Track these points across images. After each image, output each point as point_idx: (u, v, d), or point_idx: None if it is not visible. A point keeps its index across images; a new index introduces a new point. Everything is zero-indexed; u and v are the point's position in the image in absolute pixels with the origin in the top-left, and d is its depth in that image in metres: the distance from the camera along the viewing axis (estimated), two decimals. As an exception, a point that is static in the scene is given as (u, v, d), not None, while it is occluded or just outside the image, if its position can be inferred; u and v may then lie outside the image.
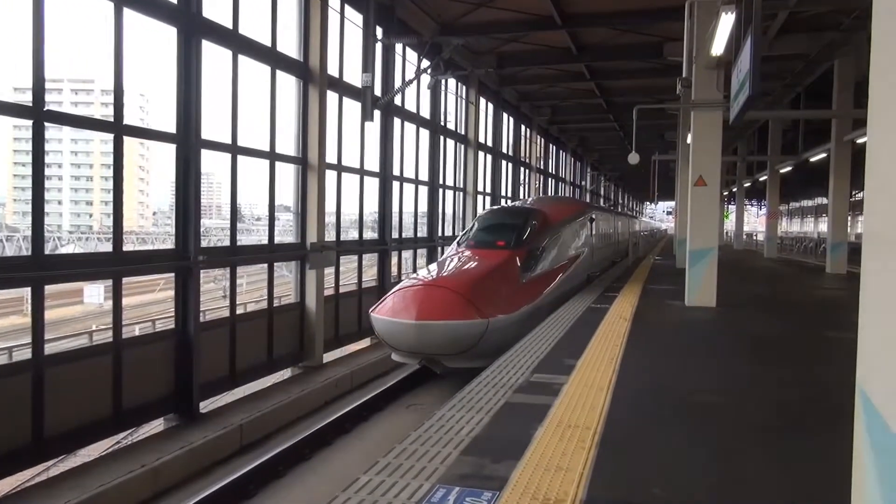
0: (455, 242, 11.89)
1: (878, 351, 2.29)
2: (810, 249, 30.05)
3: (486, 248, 11.11)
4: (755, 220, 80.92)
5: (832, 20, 15.29)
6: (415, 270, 14.07)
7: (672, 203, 66.25)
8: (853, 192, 26.13)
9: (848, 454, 2.47)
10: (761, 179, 28.82)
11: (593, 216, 16.49)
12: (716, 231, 11.36)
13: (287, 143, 10.98)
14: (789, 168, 23.76)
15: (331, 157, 11.80)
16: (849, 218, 21.00)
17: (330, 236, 12.59)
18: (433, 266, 10.76)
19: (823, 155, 19.26)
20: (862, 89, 15.11)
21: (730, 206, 52.97)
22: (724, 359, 7.16)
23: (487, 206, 20.75)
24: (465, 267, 10.29)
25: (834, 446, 4.34)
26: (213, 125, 9.15)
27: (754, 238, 43.97)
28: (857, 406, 2.37)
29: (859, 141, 16.15)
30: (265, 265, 10.52)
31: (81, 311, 29.50)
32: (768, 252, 26.88)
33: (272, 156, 10.20)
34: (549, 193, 30.95)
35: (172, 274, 8.52)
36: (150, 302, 30.77)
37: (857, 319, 2.42)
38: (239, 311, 9.95)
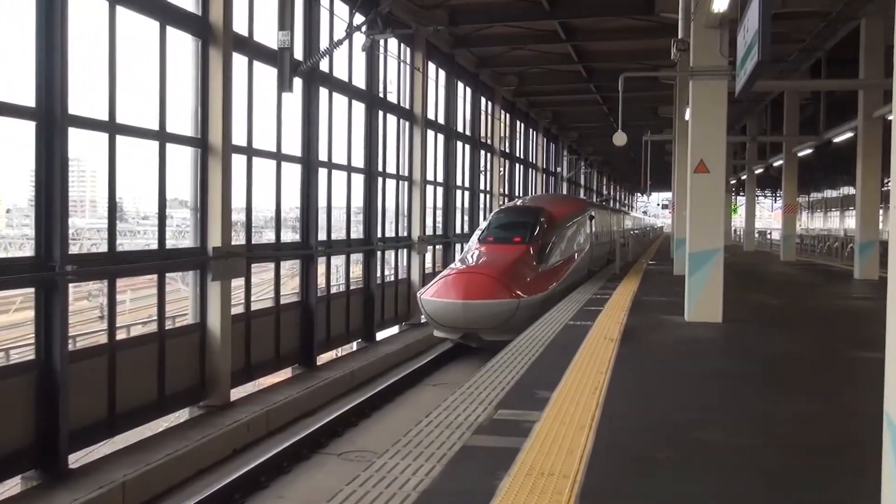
0: (475, 238, 16.95)
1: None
2: (835, 250, 30.95)
3: (505, 242, 16.03)
4: (769, 214, 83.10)
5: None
6: (347, 279, 16.10)
7: (668, 195, 67.64)
8: (885, 181, 26.94)
9: None
10: (776, 164, 29.56)
11: (593, 214, 21.41)
12: (721, 228, 11.62)
13: (182, 121, 10.86)
14: (809, 150, 24.38)
15: (239, 139, 11.69)
16: (881, 212, 21.61)
17: (239, 239, 12.43)
18: (464, 258, 16.02)
19: (850, 134, 19.75)
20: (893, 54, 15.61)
21: (738, 198, 54.33)
22: (733, 387, 7.31)
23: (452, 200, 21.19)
24: (493, 258, 15.28)
25: (869, 498, 4.45)
26: (85, 98, 8.96)
27: (768, 237, 45.09)
28: (886, 437, 2.43)
29: (891, 117, 16.70)
30: (154, 276, 10.35)
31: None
32: (785, 254, 27.57)
33: (162, 136, 10.07)
34: (517, 182, 31.32)
35: (32, 289, 8.30)
36: (1, 326, 29.91)
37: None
38: (120, 335, 9.79)
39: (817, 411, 6.49)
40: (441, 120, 21.78)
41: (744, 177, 38.34)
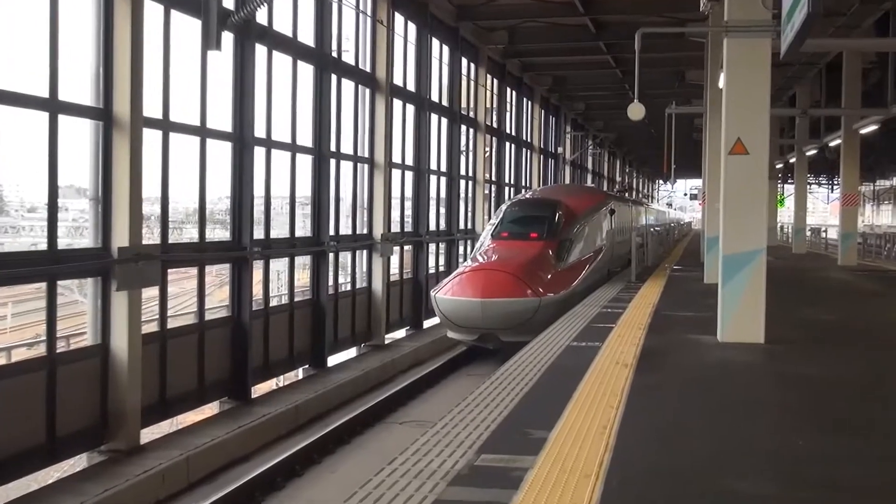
0: (487, 235, 19.31)
1: None
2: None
3: (521, 238, 18.39)
4: (824, 207, 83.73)
5: None
6: (291, 289, 16.20)
7: (698, 182, 67.65)
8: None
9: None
10: (832, 145, 29.79)
11: (613, 207, 23.69)
12: (763, 225, 11.68)
13: (79, 87, 10.75)
14: (874, 127, 24.54)
15: (152, 110, 11.61)
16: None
17: (152, 237, 12.35)
18: (478, 255, 18.43)
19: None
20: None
21: (785, 187, 54.73)
22: (779, 426, 7.34)
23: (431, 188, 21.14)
24: (509, 254, 17.60)
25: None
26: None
27: (823, 235, 45.36)
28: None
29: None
30: (43, 285, 10.25)
31: None
32: (844, 257, 27.72)
33: (53, 106, 9.98)
34: (507, 165, 31.40)
35: None
36: None
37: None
38: (-2, 361, 9.67)
39: (890, 456, 6.54)
40: (411, 87, 21.77)
41: (792, 160, 38.58)
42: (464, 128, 26.40)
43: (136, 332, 11.13)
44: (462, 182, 26.19)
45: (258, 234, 14.69)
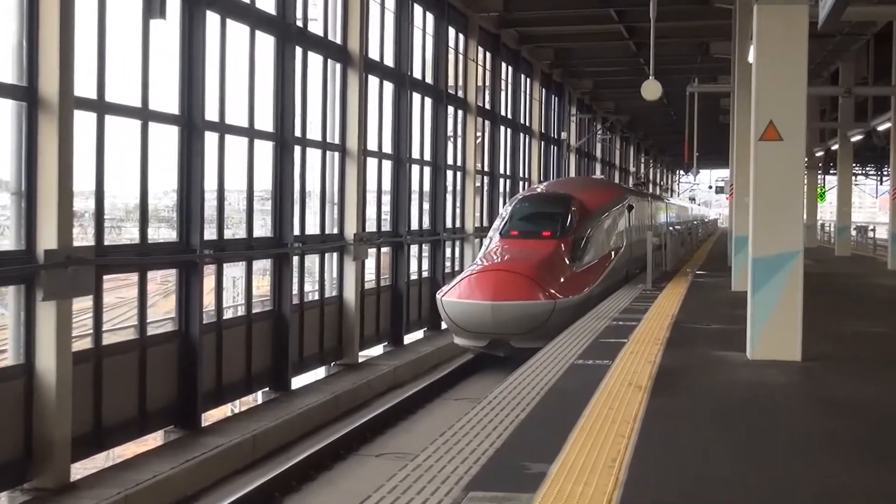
0: (495, 233, 20.58)
1: None
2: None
3: (532, 237, 19.82)
4: (872, 202, 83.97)
5: None
6: (249, 298, 16.37)
7: (725, 172, 67.79)
8: None
9: None
10: (881, 129, 29.85)
11: (631, 203, 25.48)
12: (800, 222, 11.74)
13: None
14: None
15: (84, 89, 11.58)
16: None
17: (86, 238, 12.30)
18: (487, 255, 19.60)
19: None
20: None
21: (827, 178, 54.84)
22: (820, 461, 7.34)
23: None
24: (521, 254, 18.94)
25: None
26: None
27: (870, 234, 45.45)
28: None
29: None
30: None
31: None
32: (895, 260, 27.78)
33: (-32, 84, 9.94)
34: (501, 153, 31.39)
35: None
36: None
37: None
38: None
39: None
40: (389, 61, 21.77)
41: (834, 147, 38.65)
42: (451, 109, 26.42)
43: (66, 349, 11.07)
44: (449, 173, 26.19)
45: (210, 234, 14.65)
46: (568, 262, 19.38)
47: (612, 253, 22.42)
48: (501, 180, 31.57)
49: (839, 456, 7.47)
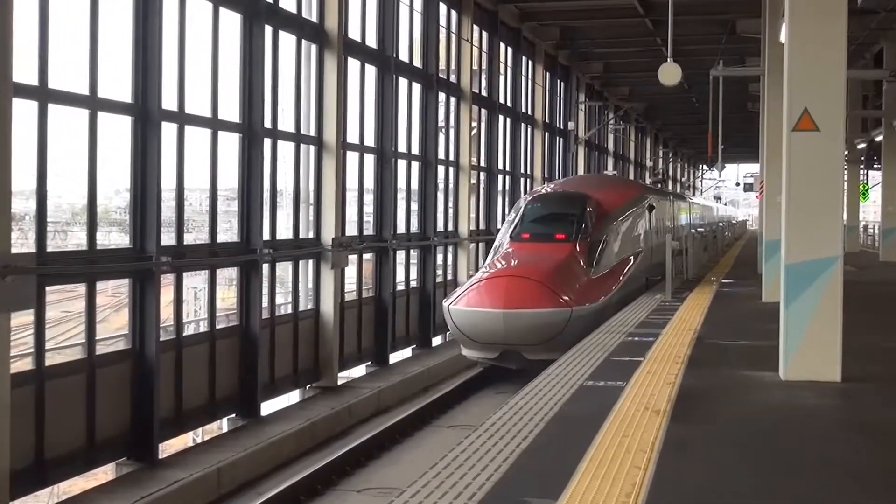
0: (505, 236, 21.50)
1: None
2: None
3: (545, 240, 20.65)
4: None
5: None
6: (212, 313, 16.31)
7: (755, 167, 67.67)
8: None
9: None
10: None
11: (652, 203, 26.54)
12: (839, 224, 11.71)
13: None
14: None
15: (23, 73, 11.52)
16: None
17: (27, 244, 12.25)
18: (497, 260, 20.39)
19: None
20: None
21: (871, 174, 54.83)
22: (866, 499, 7.31)
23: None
24: (533, 258, 19.66)
25: None
26: None
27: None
28: None
29: None
30: None
31: None
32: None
33: None
34: (499, 145, 31.42)
35: None
36: None
37: None
38: None
39: None
40: (371, 42, 21.75)
41: (878, 138, 38.67)
42: (443, 96, 26.44)
43: (3, 370, 11.01)
44: (441, 169, 26.21)
45: (168, 239, 14.62)
46: (584, 267, 20.18)
47: (632, 258, 23.32)
48: (500, 177, 31.57)
49: (882, 489, 7.44)
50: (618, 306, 20.13)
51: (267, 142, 17.23)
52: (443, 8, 26.00)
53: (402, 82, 23.44)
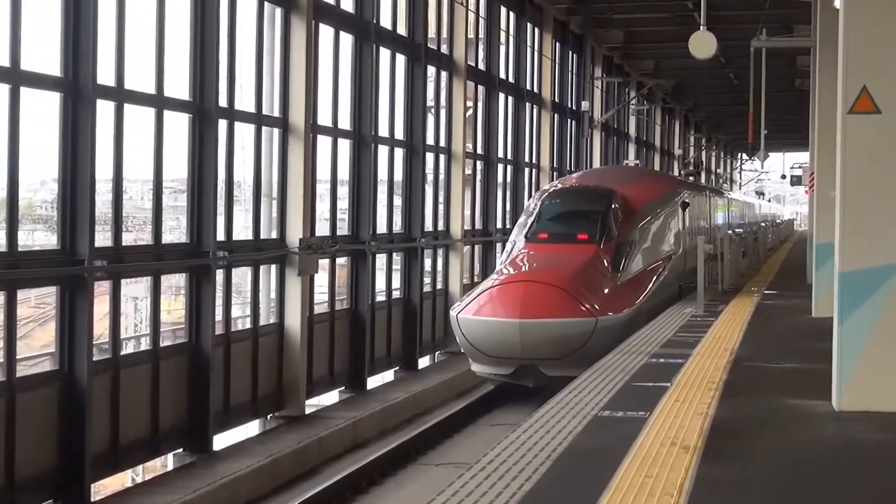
0: (519, 236, 22.17)
1: None
2: None
3: (565, 241, 21.30)
4: None
5: None
6: (156, 327, 16.25)
7: (804, 156, 68.04)
8: None
9: None
10: None
11: (687, 199, 26.97)
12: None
13: None
14: None
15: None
16: None
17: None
18: (511, 263, 21.08)
19: None
20: None
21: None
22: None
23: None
24: (552, 261, 20.35)
25: None
26: None
27: None
28: None
29: None
30: None
31: None
32: None
33: None
34: (500, 129, 31.59)
35: None
36: None
37: None
38: None
39: None
40: (347, 5, 21.76)
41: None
42: (432, 70, 26.48)
43: None
44: (430, 156, 26.24)
45: (103, 239, 14.62)
46: (610, 271, 20.74)
47: (664, 261, 23.53)
48: (500, 167, 31.57)
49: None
50: (648, 317, 20.41)
51: (222, 124, 17.20)
52: (432, -34, 26.03)
53: (385, 53, 23.46)
